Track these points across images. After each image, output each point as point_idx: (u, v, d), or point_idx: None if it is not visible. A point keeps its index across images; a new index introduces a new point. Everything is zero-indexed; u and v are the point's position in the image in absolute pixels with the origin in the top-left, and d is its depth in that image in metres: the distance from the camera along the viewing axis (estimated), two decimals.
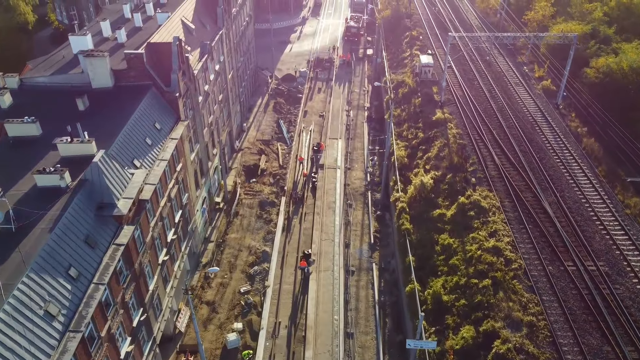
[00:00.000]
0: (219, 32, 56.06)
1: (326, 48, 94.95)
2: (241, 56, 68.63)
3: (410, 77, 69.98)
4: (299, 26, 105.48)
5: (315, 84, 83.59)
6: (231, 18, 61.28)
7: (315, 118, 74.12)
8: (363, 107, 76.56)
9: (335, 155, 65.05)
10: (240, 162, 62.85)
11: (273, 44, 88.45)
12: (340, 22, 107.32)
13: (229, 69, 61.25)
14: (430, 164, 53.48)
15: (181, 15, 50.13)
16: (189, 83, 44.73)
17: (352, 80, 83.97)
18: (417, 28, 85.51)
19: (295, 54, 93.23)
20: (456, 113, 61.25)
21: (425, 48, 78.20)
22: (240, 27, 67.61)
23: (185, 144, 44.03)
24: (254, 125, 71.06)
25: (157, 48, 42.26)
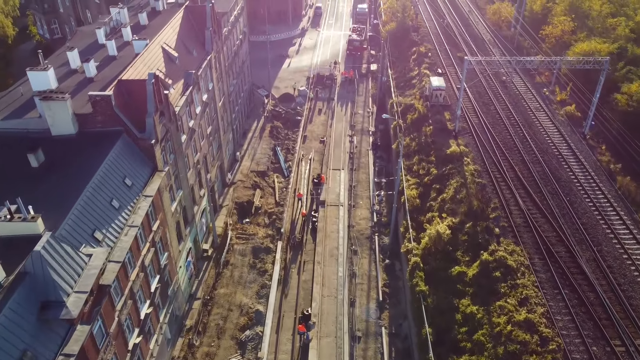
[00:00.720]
0: (207, 57, 49.86)
1: (327, 63, 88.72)
2: (234, 78, 62.44)
3: (419, 102, 63.74)
4: (298, 38, 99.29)
5: (315, 104, 77.38)
6: (222, 39, 55.09)
7: (315, 144, 67.90)
8: (368, 132, 70.32)
9: (337, 189, 58.83)
10: (233, 199, 56.63)
11: (270, 60, 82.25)
12: (341, 33, 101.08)
13: (220, 96, 55.05)
14: (446, 208, 47.24)
15: (162, 42, 43.92)
16: (168, 124, 38.53)
17: (355, 100, 77.74)
18: (425, 43, 79.26)
19: (293, 70, 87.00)
20: (472, 144, 55.02)
21: (435, 66, 71.97)
22: (232, 46, 61.41)
23: (165, 195, 37.85)
24: (248, 153, 64.84)
25: (130, 86, 36.07)
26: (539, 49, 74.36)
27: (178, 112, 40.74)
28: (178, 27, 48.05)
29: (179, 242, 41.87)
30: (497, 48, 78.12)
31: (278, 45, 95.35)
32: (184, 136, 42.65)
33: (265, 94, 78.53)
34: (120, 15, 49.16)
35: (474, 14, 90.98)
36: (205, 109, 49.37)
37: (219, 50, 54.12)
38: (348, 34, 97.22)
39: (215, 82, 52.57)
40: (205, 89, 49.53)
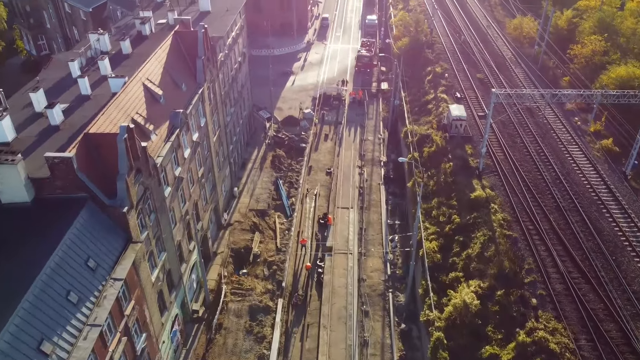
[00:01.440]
0: (198, 90, 43.79)
1: (334, 81, 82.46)
2: (231, 106, 56.37)
3: (437, 132, 57.41)
4: (303, 52, 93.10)
5: (321, 128, 71.19)
6: (217, 67, 49.02)
7: (321, 176, 61.72)
8: (379, 162, 64.03)
9: (346, 233, 52.66)
10: (228, 244, 50.53)
11: (273, 77, 76.04)
12: (350, 47, 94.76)
13: (214, 131, 49.00)
14: (472, 267, 40.94)
15: (145, 77, 37.86)
16: (147, 181, 32.50)
17: (365, 125, 71.48)
18: (441, 62, 72.87)
19: (298, 89, 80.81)
20: (499, 186, 48.68)
21: (452, 89, 65.62)
22: (230, 71, 55.32)
23: (143, 266, 31.82)
24: (247, 188, 58.73)
25: (98, 141, 30.05)
26: (566, 70, 67.90)
27: (161, 163, 34.70)
28: (165, 56, 41.98)
29: (162, 313, 35.83)
30: (519, 67, 71.63)
31: (282, 60, 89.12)
32: (169, 189, 36.60)
33: (267, 116, 72.42)
34: (100, 43, 43.17)
35: (492, 28, 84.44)
36: (196, 149, 43.33)
37: (213, 80, 48.06)
38: (357, 48, 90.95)
39: (208, 117, 46.51)
40: (197, 127, 43.48)
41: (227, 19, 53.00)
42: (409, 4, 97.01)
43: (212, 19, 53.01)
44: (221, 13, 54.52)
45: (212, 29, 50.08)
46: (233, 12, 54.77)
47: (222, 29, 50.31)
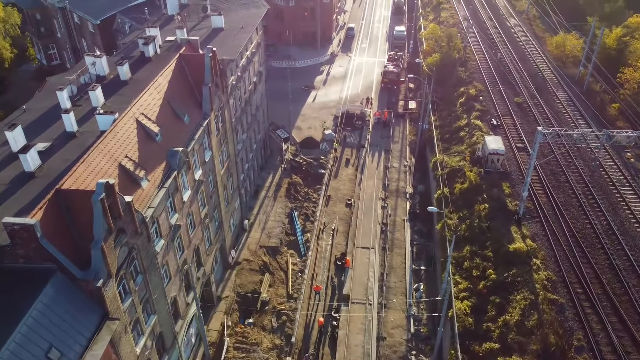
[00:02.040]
0: (203, 122, 39.00)
1: (358, 98, 77.06)
2: (244, 132, 51.56)
3: (470, 166, 51.61)
4: (326, 65, 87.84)
5: (342, 152, 65.90)
6: (227, 92, 44.19)
7: (340, 208, 56.46)
8: (404, 193, 58.45)
9: (365, 279, 47.33)
10: (235, 287, 45.69)
11: (293, 92, 70.79)
12: (376, 60, 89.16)
13: (222, 163, 44.23)
14: (510, 339, 35.19)
15: (139, 112, 33.15)
16: (132, 240, 27.75)
17: (390, 149, 65.90)
18: (475, 82, 66.83)
19: (319, 106, 75.63)
20: (541, 236, 42.75)
21: (488, 114, 59.66)
22: (243, 94, 50.49)
23: (124, 340, 27.07)
24: (259, 220, 53.82)
25: (71, 199, 25.37)
26: (616, 95, 61.23)
27: (152, 214, 29.96)
28: (166, 84, 37.24)
29: None
30: (561, 90, 65.17)
31: (303, 73, 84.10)
32: (162, 242, 31.85)
33: (285, 136, 67.47)
34: (96, 67, 38.72)
35: (532, 45, 77.84)
36: (199, 189, 38.54)
37: (222, 107, 43.25)
38: (383, 62, 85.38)
39: (215, 149, 41.72)
40: (200, 163, 38.69)
41: (241, 38, 48.13)
42: (441, 15, 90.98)
43: (224, 38, 48.24)
44: (235, 30, 49.72)
45: (224, 49, 45.37)
46: (248, 30, 49.90)
47: (234, 50, 45.44)
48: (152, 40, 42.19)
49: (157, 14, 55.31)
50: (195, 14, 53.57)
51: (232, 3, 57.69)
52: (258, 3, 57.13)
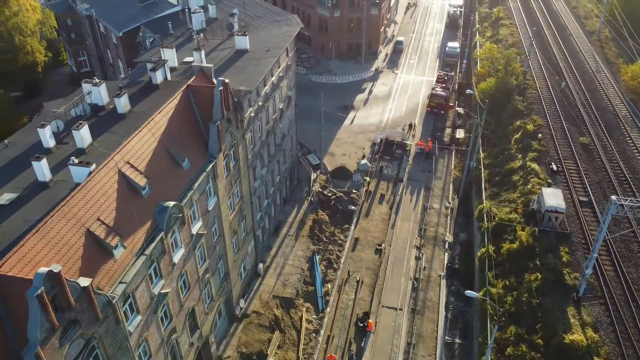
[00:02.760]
0: (208, 165, 33.71)
1: (401, 122, 70.27)
2: (264, 166, 46.12)
3: (522, 221, 44.16)
4: (369, 82, 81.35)
5: (377, 186, 59.40)
6: (243, 127, 38.78)
7: (368, 254, 50.16)
8: (443, 243, 51.47)
9: (388, 348, 40.91)
10: (239, 346, 40.34)
11: (329, 111, 65.05)
12: (424, 79, 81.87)
13: (232, 206, 38.92)
14: None
15: (124, 160, 28.12)
16: (91, 330, 22.63)
17: (431, 186, 58.86)
18: (534, 115, 58.72)
19: (357, 129, 69.35)
20: (605, 326, 35.11)
21: (547, 157, 51.75)
22: (265, 124, 45.03)
23: None
24: (275, 263, 48.36)
25: (8, 287, 20.44)
26: None
27: (123, 290, 24.83)
28: (165, 123, 32.14)
29: None
30: (636, 131, 56.17)
31: (343, 90, 78.14)
32: (138, 318, 26.72)
33: (316, 163, 61.75)
34: (92, 95, 34.10)
35: (602, 73, 68.50)
36: (197, 243, 33.34)
37: (236, 144, 37.90)
38: (432, 82, 78.16)
39: (222, 194, 36.42)
40: (201, 214, 33.45)
41: (265, 63, 42.60)
42: (499, 32, 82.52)
43: (246, 62, 42.87)
44: (260, 53, 44.26)
45: (244, 76, 40.08)
46: (275, 53, 44.34)
47: (255, 78, 39.91)
48: (162, 65, 37.27)
49: (182, 29, 50.74)
50: (221, 31, 48.59)
51: (264, 19, 52.38)
52: (292, 20, 51.52)
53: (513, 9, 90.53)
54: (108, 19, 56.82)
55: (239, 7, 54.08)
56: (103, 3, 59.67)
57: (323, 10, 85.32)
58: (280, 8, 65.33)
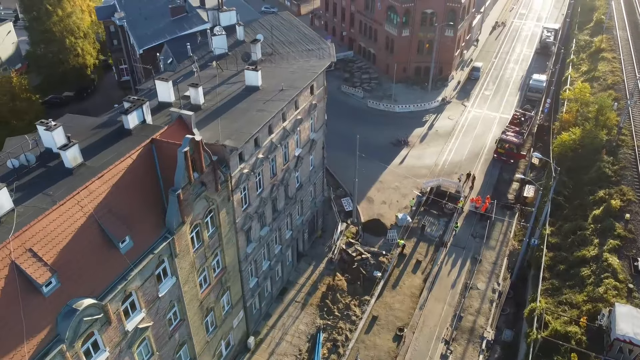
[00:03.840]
0: (161, 243, 26.89)
1: (459, 169, 60.03)
2: (265, 225, 38.78)
3: (583, 348, 33.36)
4: (432, 114, 71.33)
5: (415, 248, 50.11)
6: (230, 187, 31.64)
7: (384, 341, 41.38)
8: (480, 339, 41.40)
9: None
10: None
11: (378, 144, 56.37)
12: (497, 116, 70.50)
13: (208, 280, 31.99)
14: None
15: (23, 248, 21.93)
16: None
17: (480, 258, 48.58)
18: (624, 185, 46.49)
19: (406, 171, 60.05)
20: None
21: (634, 249, 39.92)
22: (271, 177, 37.63)
23: None
24: (271, 337, 40.98)
25: None
26: None
27: None
28: (108, 188, 25.65)
29: None
30: None
31: (401, 121, 68.99)
32: None
33: (348, 209, 53.59)
34: (45, 140, 28.47)
35: None
36: (137, 339, 26.71)
37: (215, 209, 30.89)
38: (507, 120, 66.82)
39: (185, 273, 29.56)
40: (147, 302, 26.73)
41: (273, 107, 35.15)
42: (597, 67, 68.94)
43: (251, 103, 35.72)
44: (273, 92, 36.91)
45: (241, 123, 33.04)
46: (290, 94, 36.76)
47: (249, 129, 32.58)
48: (139, 107, 31.03)
49: (203, 51, 44.67)
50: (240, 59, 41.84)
51: (295, 46, 45.03)
52: (324, 51, 43.64)
53: (620, 39, 75.71)
54: (135, 32, 52.25)
55: (273, 29, 47.22)
56: (138, 13, 55.32)
57: (391, 28, 76.37)
58: (327, 32, 57.72)
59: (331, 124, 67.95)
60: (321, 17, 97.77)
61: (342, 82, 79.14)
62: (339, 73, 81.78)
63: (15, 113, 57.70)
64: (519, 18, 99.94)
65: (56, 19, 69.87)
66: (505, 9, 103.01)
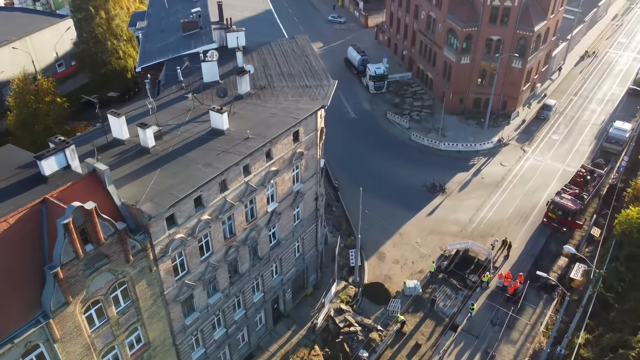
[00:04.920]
0: (28, 329, 22.20)
1: (496, 230, 50.72)
2: (221, 290, 33.14)
3: None
4: (483, 157, 61.75)
5: (418, 326, 42.09)
6: (149, 255, 26.40)
7: None
8: None
9: None
10: None
11: (409, 185, 48.99)
12: (561, 168, 59.53)
13: (122, 358, 27.08)
14: None
15: None
16: None
17: (492, 351, 39.61)
18: None
19: (433, 224, 51.78)
20: None
21: None
22: (227, 238, 31.93)
23: None
24: None
25: None
26: None
27: None
28: None
29: None
30: None
31: (443, 161, 60.51)
32: None
33: (352, 265, 46.65)
34: None
35: None
36: None
37: (128, 281, 25.81)
38: (571, 174, 56.08)
39: (73, 357, 24.73)
40: None
41: (225, 160, 29.40)
42: None
43: (204, 153, 30.23)
44: (237, 140, 31.20)
45: (177, 180, 27.63)
46: (256, 142, 30.82)
47: (180, 190, 27.06)
48: (59, 151, 26.68)
49: (198, 76, 39.95)
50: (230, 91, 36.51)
51: (294, 80, 39.00)
52: (322, 91, 37.06)
53: None
54: (145, 46, 48.74)
55: (280, 56, 41.50)
56: (158, 24, 51.95)
57: (450, 52, 67.59)
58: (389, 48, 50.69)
59: (363, 157, 61.22)
60: (385, 32, 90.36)
61: (391, 107, 71.63)
62: (390, 96, 74.37)
63: (35, 117, 56.69)
64: (616, 48, 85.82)
65: (99, 21, 69.06)
66: (601, 37, 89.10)
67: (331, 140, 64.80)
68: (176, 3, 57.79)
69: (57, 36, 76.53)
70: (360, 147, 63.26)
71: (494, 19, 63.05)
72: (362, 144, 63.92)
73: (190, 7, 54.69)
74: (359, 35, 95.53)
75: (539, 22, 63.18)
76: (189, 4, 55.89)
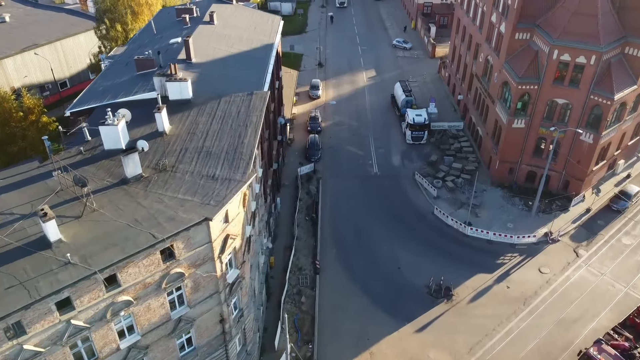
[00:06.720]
0: None
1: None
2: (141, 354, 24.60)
3: None
4: (519, 254, 47.50)
5: None
6: None
7: None
8: None
9: None
10: None
11: (392, 310, 38.00)
12: (624, 289, 43.86)
13: None
14: None
15: None
16: None
17: None
18: None
19: (416, 349, 39.48)
20: None
21: None
22: None
23: None
24: None
25: None
26: None
27: None
28: None
29: None
30: None
31: (464, 252, 47.63)
32: None
33: None
34: None
35: None
36: None
37: None
38: None
39: None
40: None
41: (20, 296, 20.69)
42: None
43: (12, 270, 21.72)
44: (58, 262, 22.31)
45: None
46: (80, 271, 21.77)
47: None
48: None
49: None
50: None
51: (204, 164, 29.32)
52: (219, 193, 26.89)
53: None
54: (97, 82, 41.22)
55: (215, 120, 32.31)
56: (131, 54, 44.62)
57: (502, 111, 53.80)
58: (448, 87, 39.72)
59: (366, 231, 49.11)
60: (447, 68, 77.18)
61: (425, 165, 59.33)
62: (429, 150, 62.06)
63: (9, 136, 52.07)
64: None
65: (115, 34, 64.17)
66: None
67: (339, 198, 54.28)
68: (169, 27, 50.38)
69: (93, 42, 72.84)
70: (368, 217, 52.05)
71: (561, 78, 48.43)
72: (371, 213, 52.60)
73: (177, 34, 46.90)
74: (422, 66, 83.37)
75: (624, 88, 47.59)
76: (178, 31, 48.18)
